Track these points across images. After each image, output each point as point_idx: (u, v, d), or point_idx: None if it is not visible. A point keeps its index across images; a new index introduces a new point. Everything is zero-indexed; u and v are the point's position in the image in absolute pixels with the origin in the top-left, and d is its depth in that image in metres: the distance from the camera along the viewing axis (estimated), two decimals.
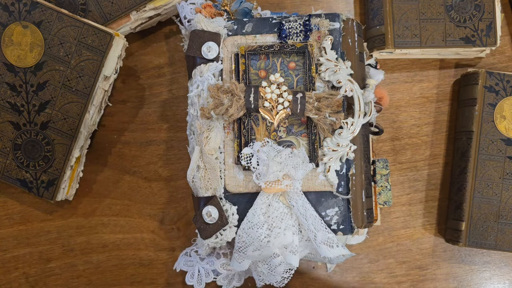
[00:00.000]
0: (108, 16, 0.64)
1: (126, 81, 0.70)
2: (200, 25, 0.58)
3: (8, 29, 0.62)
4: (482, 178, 0.64)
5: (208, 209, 0.56)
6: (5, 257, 0.69)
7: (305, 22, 0.57)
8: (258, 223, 0.54)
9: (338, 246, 0.54)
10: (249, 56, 0.57)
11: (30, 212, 0.69)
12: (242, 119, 0.56)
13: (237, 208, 0.56)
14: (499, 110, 0.65)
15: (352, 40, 0.57)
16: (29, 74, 0.63)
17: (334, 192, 0.56)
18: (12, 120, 0.63)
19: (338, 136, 0.55)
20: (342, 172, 0.56)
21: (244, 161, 0.55)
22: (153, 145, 0.70)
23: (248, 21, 0.58)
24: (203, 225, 0.56)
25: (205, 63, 0.58)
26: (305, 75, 0.56)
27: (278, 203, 0.55)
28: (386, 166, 0.63)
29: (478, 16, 0.65)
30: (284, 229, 0.54)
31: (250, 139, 0.56)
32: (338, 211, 0.56)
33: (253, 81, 0.57)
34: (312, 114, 0.54)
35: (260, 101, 0.54)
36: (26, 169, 0.64)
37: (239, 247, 0.55)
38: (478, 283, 0.68)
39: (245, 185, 0.56)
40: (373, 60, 0.63)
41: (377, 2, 0.66)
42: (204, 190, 0.57)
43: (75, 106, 0.63)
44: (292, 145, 0.56)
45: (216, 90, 0.55)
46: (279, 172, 0.53)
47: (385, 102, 0.60)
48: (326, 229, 0.54)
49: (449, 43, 0.65)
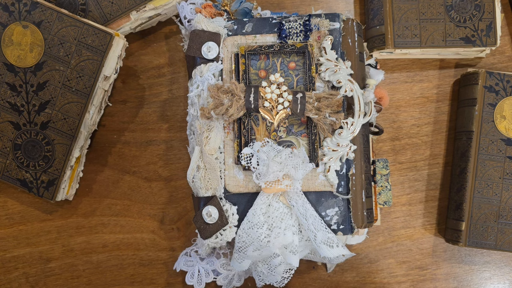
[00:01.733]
0: (108, 16, 0.64)
1: (126, 81, 0.70)
2: (200, 25, 0.58)
3: (8, 29, 0.62)
4: (482, 178, 0.64)
5: (208, 209, 0.56)
6: (5, 257, 0.69)
7: (305, 22, 0.57)
8: (258, 223, 0.54)
9: (338, 246, 0.54)
10: (249, 56, 0.57)
11: (30, 212, 0.69)
12: (242, 119, 0.56)
13: (237, 208, 0.56)
14: (499, 110, 0.65)
15: (352, 40, 0.57)
16: (29, 74, 0.62)
17: (334, 192, 0.56)
18: (12, 120, 0.63)
19: (338, 136, 0.55)
20: (342, 172, 0.56)
21: (244, 161, 0.55)
22: (153, 145, 0.70)
23: (248, 21, 0.58)
24: (203, 225, 0.56)
25: (205, 63, 0.58)
26: (305, 75, 0.56)
27: (278, 203, 0.55)
28: (386, 166, 0.63)
29: (478, 16, 0.65)
30: (284, 229, 0.54)
31: (250, 139, 0.56)
32: (338, 211, 0.56)
33: (253, 81, 0.57)
34: (312, 114, 0.54)
35: (260, 101, 0.54)
36: (26, 169, 0.64)
37: (239, 247, 0.55)
38: (478, 283, 0.68)
39: (245, 185, 0.56)
40: (373, 60, 0.63)
41: (377, 2, 0.66)
42: (204, 190, 0.57)
43: (75, 106, 0.63)
44: (292, 145, 0.56)
45: (216, 90, 0.55)
46: (279, 172, 0.53)
47: (385, 102, 0.60)
48: (326, 229, 0.54)
49: (449, 43, 0.65)
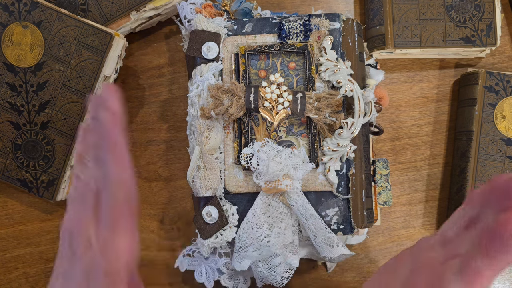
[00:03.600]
0: (108, 16, 0.64)
1: (126, 81, 0.70)
2: (200, 25, 0.58)
3: (8, 29, 0.62)
4: (482, 178, 0.64)
5: (208, 209, 0.56)
6: (5, 257, 0.69)
7: (305, 22, 0.57)
8: (258, 223, 0.54)
9: (339, 246, 0.54)
10: (249, 56, 0.57)
11: (30, 212, 0.69)
12: (242, 119, 0.56)
13: (237, 208, 0.56)
14: (499, 110, 0.65)
15: (352, 40, 0.57)
16: (29, 74, 0.62)
17: (334, 192, 0.55)
18: (12, 120, 0.63)
19: (338, 136, 0.55)
20: (342, 172, 0.56)
21: (244, 161, 0.55)
22: (153, 145, 0.70)
23: (248, 21, 0.58)
24: (203, 225, 0.56)
25: (205, 63, 0.58)
26: (305, 75, 0.56)
27: (278, 203, 0.55)
28: (386, 166, 0.63)
29: (478, 16, 0.65)
30: (284, 229, 0.54)
31: (250, 139, 0.56)
32: (338, 211, 0.56)
33: (253, 81, 0.57)
34: (312, 114, 0.54)
35: (260, 101, 0.54)
36: (26, 169, 0.64)
37: (239, 247, 0.55)
38: None
39: (245, 185, 0.56)
40: (373, 60, 0.63)
41: (377, 2, 0.66)
42: (204, 190, 0.57)
43: (75, 106, 0.63)
44: (292, 145, 0.56)
45: (216, 90, 0.55)
46: (279, 172, 0.53)
47: (385, 102, 0.60)
48: (326, 229, 0.54)
49: (449, 43, 0.65)
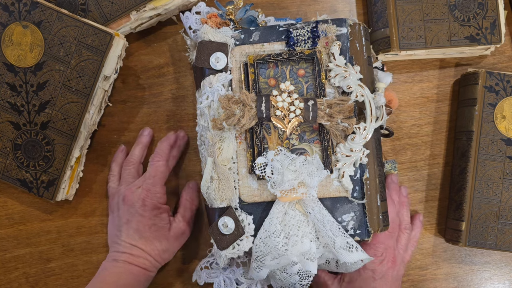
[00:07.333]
0: (108, 16, 0.64)
1: (126, 81, 0.70)
2: (207, 36, 0.57)
3: (8, 29, 0.62)
4: (482, 178, 0.64)
5: (224, 219, 0.55)
6: (5, 257, 0.69)
7: (312, 29, 0.56)
8: (275, 231, 0.54)
9: (358, 250, 0.54)
10: (258, 65, 0.57)
11: (30, 212, 0.69)
12: (254, 128, 0.56)
13: (252, 217, 0.56)
14: (499, 110, 0.65)
15: (360, 44, 0.57)
16: (29, 74, 0.62)
17: (349, 197, 0.56)
18: (12, 120, 0.63)
19: (351, 142, 0.55)
20: (356, 177, 0.56)
21: (258, 170, 0.55)
22: (153, 145, 0.70)
23: (255, 30, 0.58)
24: (220, 236, 0.56)
25: (214, 74, 0.57)
26: (315, 82, 0.56)
27: (294, 211, 0.54)
28: (394, 168, 0.63)
29: (482, 14, 0.65)
30: (302, 237, 0.54)
31: (263, 148, 0.56)
32: (354, 216, 0.56)
33: (263, 90, 0.57)
34: (324, 121, 0.54)
35: (271, 110, 0.54)
36: (26, 169, 0.64)
37: (257, 256, 0.55)
38: (478, 283, 0.69)
39: (259, 194, 0.56)
40: (380, 63, 0.63)
41: (381, 4, 0.66)
42: (219, 201, 0.56)
43: (75, 106, 0.63)
44: (306, 153, 0.56)
45: (227, 101, 0.54)
46: (294, 181, 0.53)
47: (395, 104, 0.60)
48: (344, 234, 0.54)
49: (454, 43, 0.65)
